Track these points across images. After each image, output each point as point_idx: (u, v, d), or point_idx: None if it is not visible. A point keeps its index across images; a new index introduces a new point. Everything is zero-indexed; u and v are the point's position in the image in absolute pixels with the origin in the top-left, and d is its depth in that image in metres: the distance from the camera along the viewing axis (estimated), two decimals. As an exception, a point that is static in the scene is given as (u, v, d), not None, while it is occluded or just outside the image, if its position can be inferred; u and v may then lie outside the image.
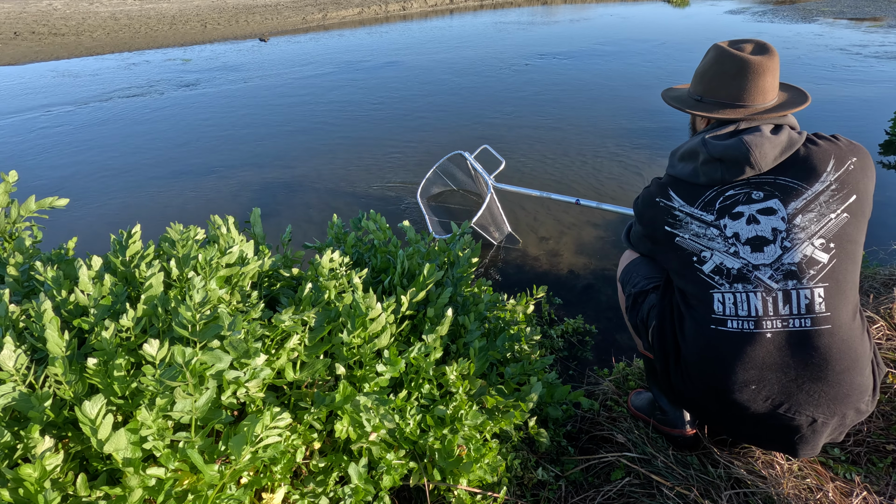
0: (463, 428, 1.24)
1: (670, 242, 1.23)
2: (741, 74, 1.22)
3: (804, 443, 1.13)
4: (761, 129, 1.15)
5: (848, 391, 1.06)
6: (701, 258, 1.16)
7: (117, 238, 1.44)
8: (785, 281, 1.07)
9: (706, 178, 1.19)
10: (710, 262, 1.15)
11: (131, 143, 5.69)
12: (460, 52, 9.90)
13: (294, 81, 8.17)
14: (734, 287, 1.11)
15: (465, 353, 1.49)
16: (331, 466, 1.20)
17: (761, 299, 1.08)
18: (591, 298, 2.77)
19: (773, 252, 1.09)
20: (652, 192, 1.30)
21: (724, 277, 1.12)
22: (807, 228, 1.08)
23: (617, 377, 1.94)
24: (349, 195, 4.18)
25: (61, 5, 16.32)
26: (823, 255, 1.07)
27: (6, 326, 1.11)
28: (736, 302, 1.10)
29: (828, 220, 1.08)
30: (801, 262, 1.07)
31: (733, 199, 1.15)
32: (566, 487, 1.42)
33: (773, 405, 1.09)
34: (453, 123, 5.83)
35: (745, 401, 1.10)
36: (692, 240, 1.18)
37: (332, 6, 16.55)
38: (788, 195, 1.11)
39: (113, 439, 0.89)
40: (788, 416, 1.09)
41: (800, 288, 1.06)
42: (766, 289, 1.08)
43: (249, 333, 1.14)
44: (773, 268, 1.08)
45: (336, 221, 1.86)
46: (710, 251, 1.15)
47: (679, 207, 1.22)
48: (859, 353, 1.07)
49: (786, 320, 1.07)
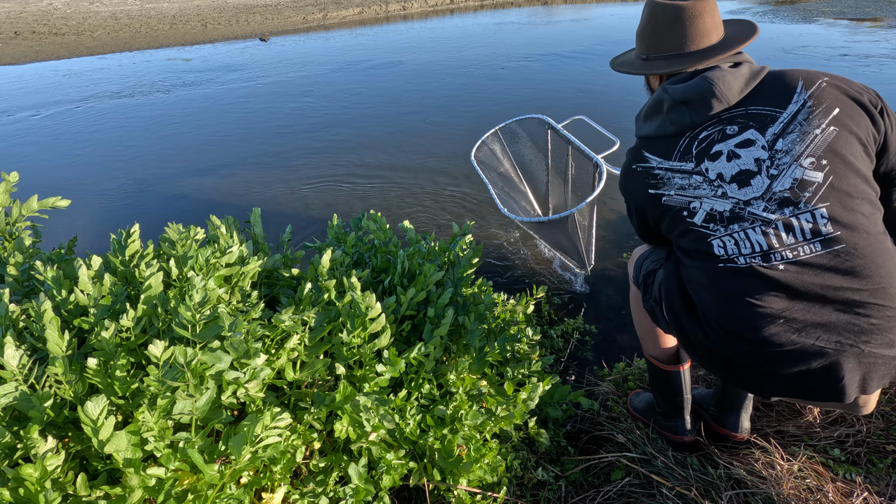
0: (463, 428, 1.24)
1: (658, 205, 1.16)
2: (677, 22, 1.19)
3: (851, 383, 0.99)
4: (720, 66, 1.12)
5: (887, 303, 0.95)
6: (691, 210, 1.10)
7: (117, 238, 1.44)
8: (781, 210, 1.01)
9: (675, 127, 1.14)
10: (701, 212, 1.09)
11: (131, 142, 5.69)
12: (461, 53, 9.90)
13: (294, 81, 8.17)
14: (730, 229, 1.04)
15: (466, 353, 1.49)
16: (331, 466, 1.20)
17: (761, 233, 1.01)
18: (591, 298, 2.77)
19: (761, 183, 1.04)
20: (628, 162, 1.25)
21: (718, 223, 1.06)
22: (791, 151, 1.02)
23: (617, 377, 1.94)
24: (349, 195, 4.18)
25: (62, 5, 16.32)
26: (816, 174, 1.00)
27: (6, 326, 1.11)
28: (737, 243, 1.04)
29: (812, 136, 1.02)
30: (792, 187, 1.01)
31: (708, 139, 1.10)
32: (566, 487, 1.42)
33: (807, 339, 0.98)
34: (456, 123, 5.83)
35: (774, 337, 1.00)
36: (678, 195, 1.12)
37: (332, 6, 16.55)
38: (764, 122, 1.05)
39: (114, 440, 0.89)
40: (829, 350, 0.97)
41: (798, 213, 1.00)
42: (764, 222, 1.02)
43: (249, 333, 1.14)
44: (765, 199, 1.03)
45: (336, 221, 1.86)
46: (697, 200, 1.09)
47: (657, 166, 1.17)
48: (888, 264, 0.98)
49: (794, 249, 0.99)
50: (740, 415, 1.50)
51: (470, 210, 3.81)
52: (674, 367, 1.46)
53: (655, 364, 1.49)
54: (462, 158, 4.70)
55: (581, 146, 2.53)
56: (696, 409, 1.62)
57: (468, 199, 4.00)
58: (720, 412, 1.53)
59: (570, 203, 2.85)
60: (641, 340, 1.53)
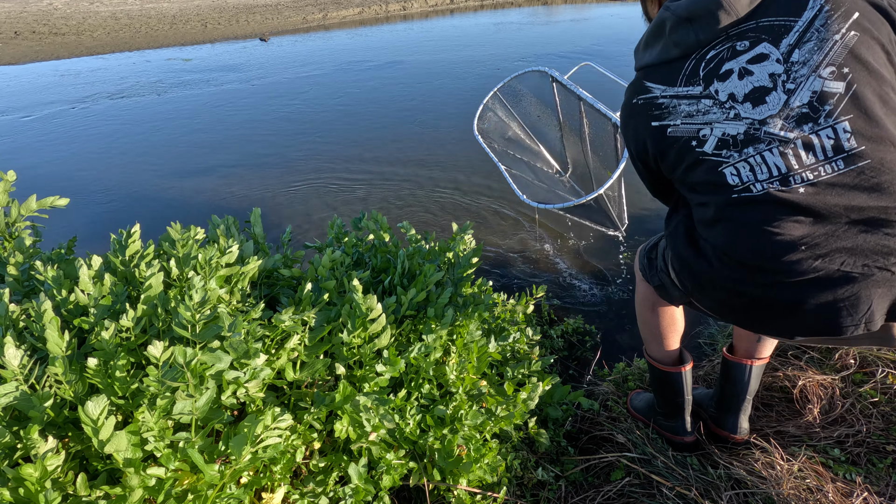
0: (463, 428, 1.24)
1: (663, 138, 1.06)
2: None
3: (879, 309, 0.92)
4: None
5: None
6: (700, 139, 1.01)
7: (117, 238, 1.44)
8: (800, 127, 0.92)
9: (680, 49, 1.04)
10: (712, 138, 0.99)
11: (132, 142, 5.69)
12: (462, 53, 9.90)
13: (294, 81, 8.17)
14: (745, 153, 0.96)
15: (465, 353, 1.49)
16: (331, 466, 1.20)
17: (779, 154, 0.93)
18: (591, 298, 2.77)
19: (777, 99, 0.94)
20: (627, 98, 1.15)
21: (732, 148, 0.97)
22: (808, 61, 0.92)
23: (617, 377, 1.94)
24: (349, 195, 4.18)
25: (62, 5, 16.33)
26: (837, 84, 0.91)
27: (6, 326, 1.11)
28: (752, 168, 0.95)
29: (831, 43, 0.92)
30: (811, 101, 0.92)
31: (717, 59, 1.00)
32: (566, 487, 1.42)
33: (831, 264, 0.91)
34: (456, 124, 5.83)
35: (796, 265, 0.92)
36: (685, 123, 1.03)
37: (332, 6, 16.56)
38: (777, 33, 0.95)
39: (114, 440, 0.89)
40: (855, 274, 0.90)
41: (819, 130, 0.91)
42: (782, 141, 0.93)
43: (249, 333, 1.14)
44: (783, 116, 0.94)
45: (336, 221, 1.86)
46: (707, 126, 1.00)
47: (661, 94, 1.07)
48: None
49: (815, 170, 0.91)
50: (739, 416, 1.50)
51: (470, 210, 3.81)
52: (675, 369, 1.46)
53: (656, 365, 1.49)
54: (462, 159, 4.70)
55: (595, 102, 2.28)
56: (696, 410, 1.62)
57: (468, 200, 4.00)
58: (719, 413, 1.53)
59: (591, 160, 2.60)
60: (645, 341, 1.52)
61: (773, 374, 1.77)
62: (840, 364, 1.75)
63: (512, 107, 2.88)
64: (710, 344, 2.19)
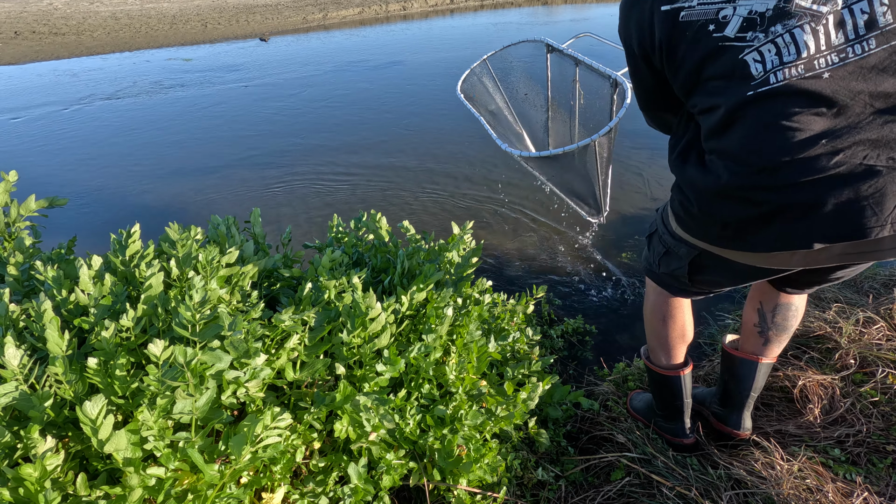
0: (463, 428, 1.24)
1: (674, 26, 0.93)
2: None
3: None
4: None
5: None
6: (720, 21, 0.88)
7: (117, 238, 1.44)
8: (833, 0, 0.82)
9: None
10: (735, 18, 0.88)
11: (132, 142, 5.69)
12: (462, 53, 9.90)
13: (294, 81, 8.17)
14: (772, 32, 0.85)
15: (465, 353, 1.49)
16: (331, 466, 1.20)
17: (810, 31, 0.82)
18: (591, 298, 2.77)
19: None
20: None
21: (758, 28, 0.86)
22: None
23: (617, 377, 1.94)
24: (349, 195, 4.18)
25: (62, 5, 16.33)
26: None
27: (6, 326, 1.11)
28: (779, 50, 0.84)
29: None
30: None
31: None
32: (566, 487, 1.42)
33: (854, 158, 0.83)
34: (457, 124, 5.83)
35: (815, 161, 0.84)
36: (702, 5, 0.90)
37: (332, 6, 16.55)
38: None
39: (113, 439, 0.89)
40: (880, 167, 0.82)
41: (852, 3, 0.81)
42: (814, 16, 0.82)
43: (249, 333, 1.14)
44: None
45: (336, 221, 1.86)
46: (730, 5, 0.88)
47: None
48: None
49: (842, 51, 0.82)
50: (743, 413, 1.49)
51: (470, 210, 3.81)
52: (674, 373, 1.46)
53: (655, 369, 1.48)
54: (463, 159, 4.70)
55: (593, 63, 2.14)
56: (698, 408, 1.62)
57: (469, 200, 4.01)
58: (723, 410, 1.53)
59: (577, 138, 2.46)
60: (651, 349, 1.51)
61: (774, 373, 1.77)
62: (840, 364, 1.75)
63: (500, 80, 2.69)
64: (710, 344, 2.18)
